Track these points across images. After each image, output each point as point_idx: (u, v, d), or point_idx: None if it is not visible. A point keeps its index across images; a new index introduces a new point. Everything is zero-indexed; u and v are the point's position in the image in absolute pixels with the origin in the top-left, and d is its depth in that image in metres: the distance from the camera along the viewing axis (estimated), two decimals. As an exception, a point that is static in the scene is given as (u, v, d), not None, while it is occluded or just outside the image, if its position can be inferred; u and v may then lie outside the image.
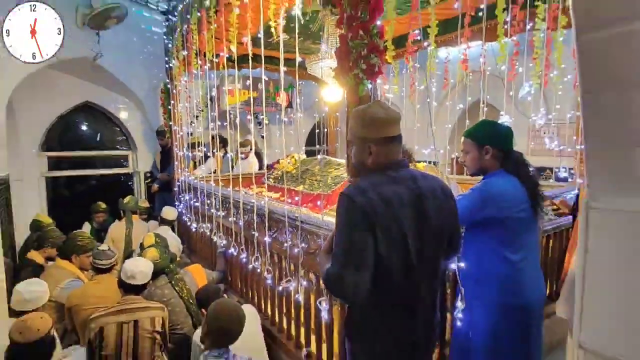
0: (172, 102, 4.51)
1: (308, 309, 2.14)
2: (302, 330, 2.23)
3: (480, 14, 2.35)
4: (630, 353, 0.72)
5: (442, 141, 4.45)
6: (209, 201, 3.52)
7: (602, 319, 0.77)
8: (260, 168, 5.33)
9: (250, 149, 5.07)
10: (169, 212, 3.99)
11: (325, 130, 5.60)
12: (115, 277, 2.49)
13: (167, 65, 4.66)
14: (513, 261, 1.56)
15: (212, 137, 4.31)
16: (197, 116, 4.72)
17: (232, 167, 4.36)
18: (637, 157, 0.72)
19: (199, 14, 3.15)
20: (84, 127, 5.19)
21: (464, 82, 3.67)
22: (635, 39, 0.66)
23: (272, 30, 2.25)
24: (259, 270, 2.55)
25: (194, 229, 3.87)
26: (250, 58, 2.67)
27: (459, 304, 1.84)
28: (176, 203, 4.47)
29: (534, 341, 1.62)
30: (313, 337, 2.13)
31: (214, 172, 4.43)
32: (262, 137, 6.30)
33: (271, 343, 2.41)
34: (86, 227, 4.15)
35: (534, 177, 1.64)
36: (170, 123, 4.62)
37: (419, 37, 2.22)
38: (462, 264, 1.75)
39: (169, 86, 4.64)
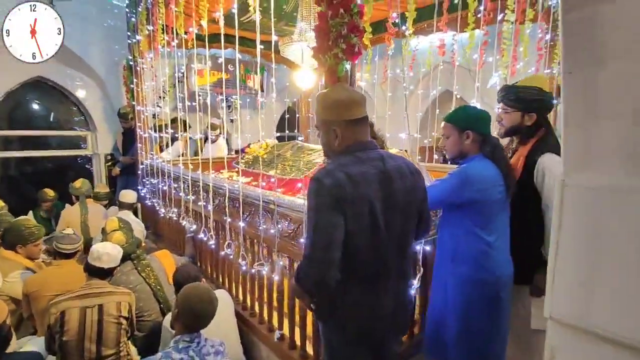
0: (135, 80, 4.26)
1: (281, 292, 2.13)
2: (275, 314, 2.22)
3: (456, 1, 2.38)
4: (595, 321, 0.77)
5: (413, 129, 4.53)
6: (176, 185, 3.40)
7: (570, 291, 0.82)
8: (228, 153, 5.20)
9: (220, 132, 4.93)
10: (127, 195, 3.77)
11: (298, 115, 5.53)
12: (78, 263, 2.35)
13: (129, 41, 4.38)
14: (488, 241, 1.63)
15: (173, 120, 4.12)
16: (162, 97, 4.49)
17: (201, 149, 4.20)
18: (603, 132, 0.75)
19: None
20: (35, 106, 4.79)
21: (436, 70, 3.74)
22: (605, 17, 0.69)
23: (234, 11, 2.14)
24: (231, 257, 2.50)
25: (161, 214, 3.72)
26: (222, 37, 2.56)
27: (415, 282, 1.92)
28: (139, 187, 4.27)
29: (503, 312, 1.70)
30: (286, 321, 2.13)
31: (182, 155, 4.27)
32: (232, 121, 6.13)
33: (243, 327, 2.39)
34: (30, 216, 3.81)
35: (508, 160, 1.71)
36: (134, 103, 4.38)
37: (396, 20, 2.22)
38: (435, 245, 1.81)
39: (132, 63, 4.37)
